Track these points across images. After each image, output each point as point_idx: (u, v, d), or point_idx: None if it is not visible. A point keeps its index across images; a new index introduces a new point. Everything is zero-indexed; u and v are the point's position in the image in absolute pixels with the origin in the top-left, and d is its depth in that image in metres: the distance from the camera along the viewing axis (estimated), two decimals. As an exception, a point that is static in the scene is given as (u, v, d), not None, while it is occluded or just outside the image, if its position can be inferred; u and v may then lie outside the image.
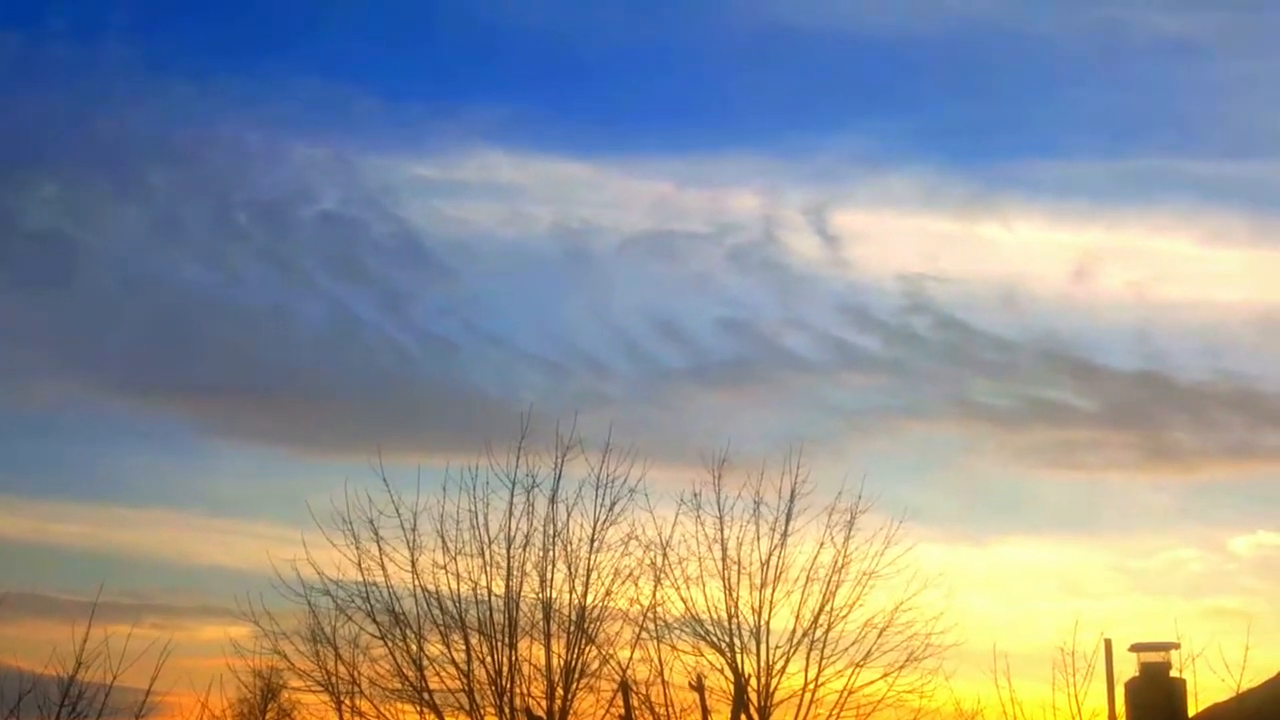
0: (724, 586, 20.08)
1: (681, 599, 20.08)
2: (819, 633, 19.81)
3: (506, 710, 19.38)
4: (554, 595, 19.59)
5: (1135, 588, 30.58)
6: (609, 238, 36.92)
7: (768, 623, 19.90)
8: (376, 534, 19.81)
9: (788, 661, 19.92)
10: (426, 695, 19.45)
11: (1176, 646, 18.66)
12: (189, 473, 33.56)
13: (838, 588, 20.08)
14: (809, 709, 19.87)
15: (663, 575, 19.99)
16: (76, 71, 37.84)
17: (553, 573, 19.80)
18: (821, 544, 20.25)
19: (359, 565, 19.79)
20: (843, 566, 20.11)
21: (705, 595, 20.09)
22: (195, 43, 39.63)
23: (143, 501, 33.50)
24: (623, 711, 19.48)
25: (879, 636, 19.84)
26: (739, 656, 19.85)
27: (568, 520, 19.98)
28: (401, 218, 37.06)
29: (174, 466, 33.47)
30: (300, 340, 34.95)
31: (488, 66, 39.22)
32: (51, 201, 36.81)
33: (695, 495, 20.38)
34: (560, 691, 19.39)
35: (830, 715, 19.95)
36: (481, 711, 19.54)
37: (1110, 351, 34.54)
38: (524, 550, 19.83)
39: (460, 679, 19.47)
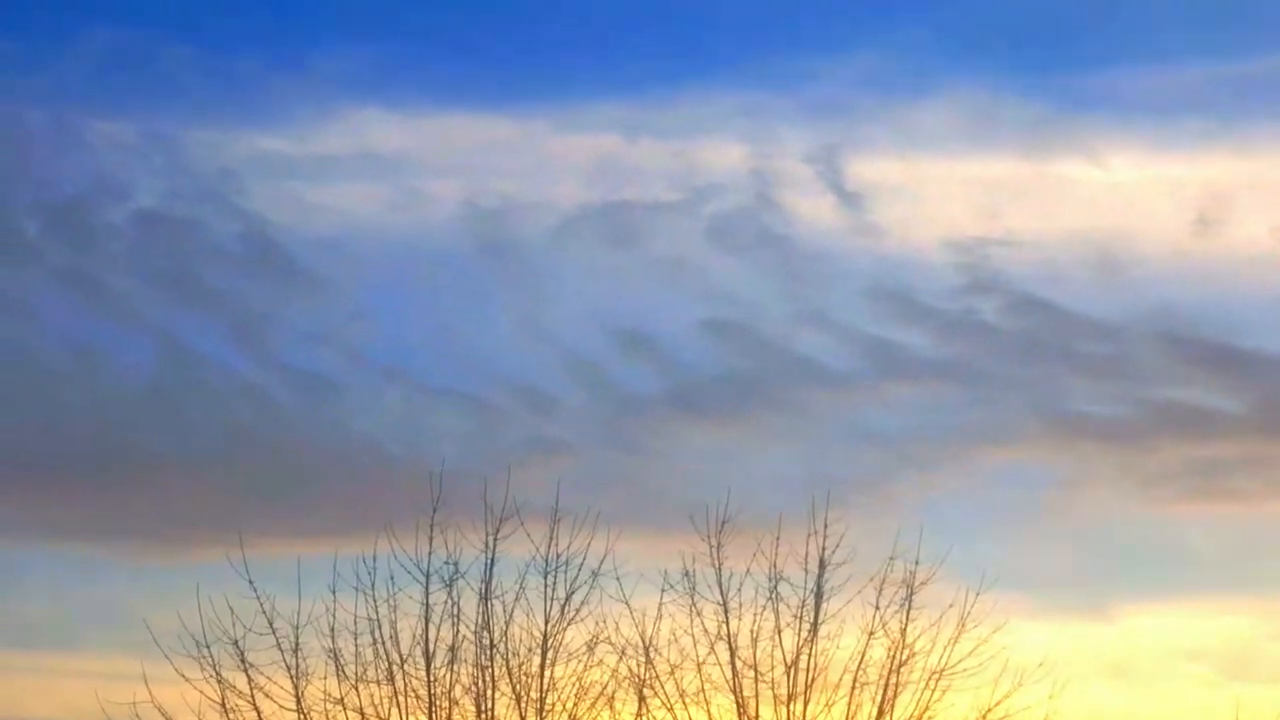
0: (736, 702, 15.51)
1: (677, 722, 15.60)
2: (875, 760, 15.50)
3: None
4: (497, 729, 15.28)
5: (1326, 662, 24.17)
6: (540, 218, 28.25)
7: (802, 750, 15.54)
8: (244, 659, 15.07)
9: (834, 804, 15.47)
10: None
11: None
12: (-20, 590, 25.31)
13: (897, 694, 15.48)
14: None
15: (648, 690, 15.37)
16: None
17: (493, 698, 15.19)
18: (870, 633, 15.53)
19: (222, 705, 15.11)
20: (903, 663, 15.46)
21: (711, 716, 15.54)
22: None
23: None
24: None
25: (961, 760, 15.49)
26: (763, 802, 15.43)
27: (508, 623, 15.22)
28: (247, 211, 27.99)
29: (-41, 583, 25.61)
30: (119, 392, 26.92)
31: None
32: None
33: (688, 574, 15.49)
34: None
35: None
36: None
37: (1256, 329, 26.73)
38: (450, 670, 15.15)
39: None
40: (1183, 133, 28.79)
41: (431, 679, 15.03)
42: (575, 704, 15.14)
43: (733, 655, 15.39)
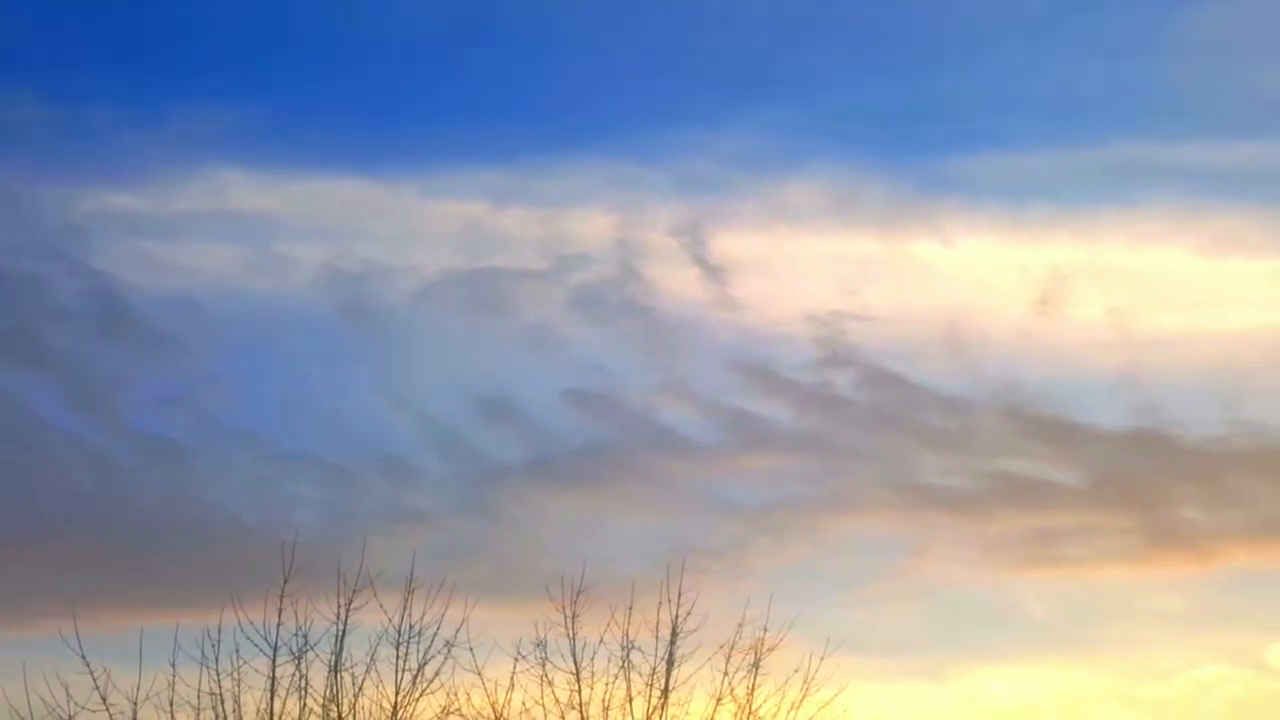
0: (587, 770, 15.41)
1: (527, 792, 15.37)
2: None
3: None
4: (344, 804, 14.81)
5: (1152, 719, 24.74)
6: (403, 283, 28.11)
7: (651, 817, 15.38)
8: (76, 737, 14.51)
9: None
10: None
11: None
12: None
13: (744, 758, 15.54)
14: None
15: (499, 761, 15.20)
16: None
17: (341, 772, 14.90)
18: (718, 699, 15.56)
19: (53, 785, 14.51)
20: (749, 728, 15.54)
21: (561, 785, 15.39)
22: None
23: None
24: None
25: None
26: None
27: (357, 695, 14.88)
28: (96, 270, 27.15)
29: None
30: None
31: (215, 49, 29.19)
32: None
33: (540, 644, 15.42)
34: None
35: None
36: None
37: (1092, 405, 27.78)
38: (296, 744, 14.86)
39: None
40: (1029, 216, 29.69)
41: (276, 754, 14.70)
42: (424, 776, 14.87)
43: (583, 723, 15.28)
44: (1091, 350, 28.69)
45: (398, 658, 14.92)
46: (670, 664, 15.46)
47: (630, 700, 15.34)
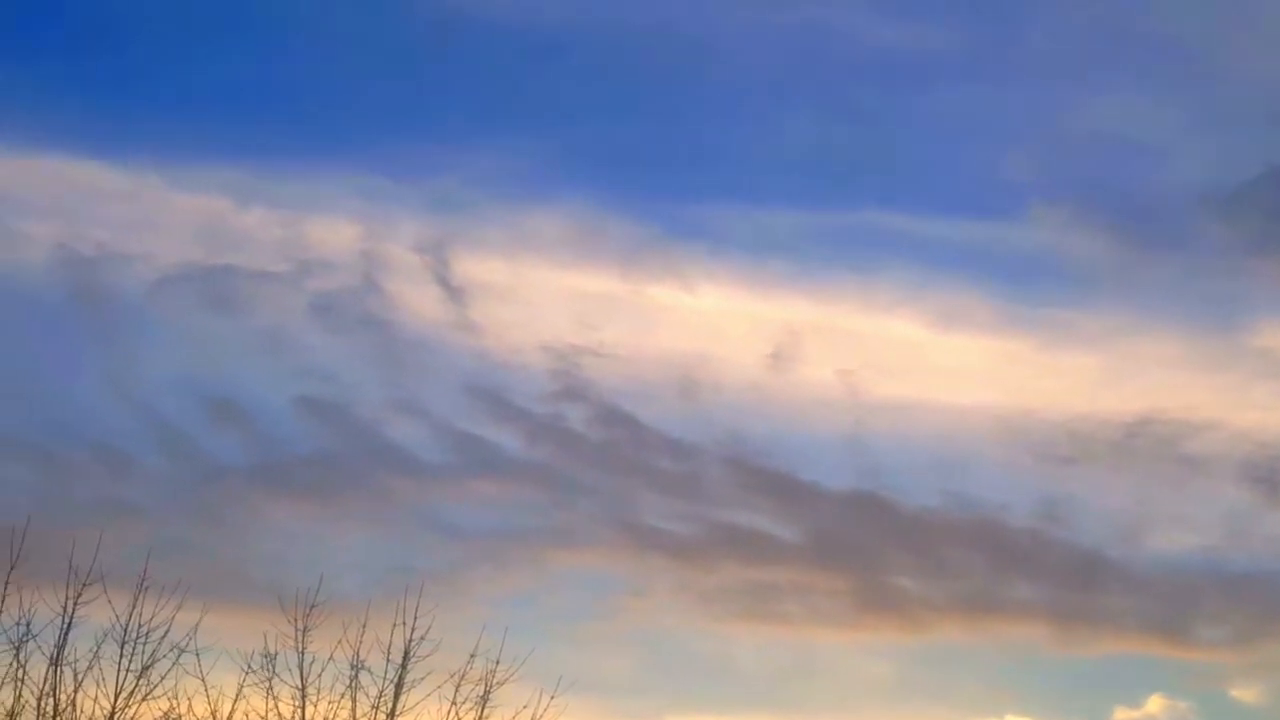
0: (303, 788, 15.05)
1: (243, 806, 14.94)
2: None
3: None
4: (53, 803, 14.27)
5: (847, 784, 25.58)
6: (138, 272, 27.44)
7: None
8: None
9: None
10: None
11: None
12: None
13: (466, 788, 15.36)
14: None
15: (216, 771, 14.82)
16: None
17: (52, 768, 14.36)
18: None
19: None
20: (477, 760, 15.41)
21: (279, 801, 15.01)
22: None
23: None
24: None
25: None
26: None
27: (76, 691, 14.44)
28: None
29: None
30: None
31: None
32: None
33: (269, 656, 15.14)
34: None
35: None
36: None
37: (817, 464, 28.37)
38: (8, 737, 14.36)
39: None
40: (768, 271, 30.54)
41: (-14, 746, 14.18)
42: (138, 780, 14.54)
43: (307, 742, 15.01)
44: (819, 409, 29.51)
45: (121, 656, 14.60)
46: (399, 688, 15.33)
47: (356, 721, 15.18)
